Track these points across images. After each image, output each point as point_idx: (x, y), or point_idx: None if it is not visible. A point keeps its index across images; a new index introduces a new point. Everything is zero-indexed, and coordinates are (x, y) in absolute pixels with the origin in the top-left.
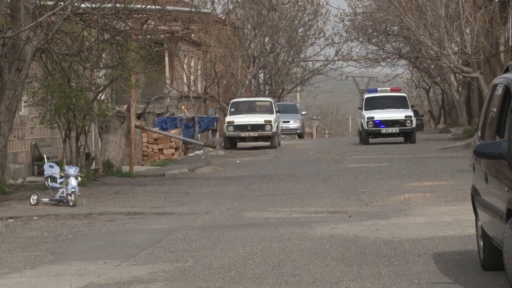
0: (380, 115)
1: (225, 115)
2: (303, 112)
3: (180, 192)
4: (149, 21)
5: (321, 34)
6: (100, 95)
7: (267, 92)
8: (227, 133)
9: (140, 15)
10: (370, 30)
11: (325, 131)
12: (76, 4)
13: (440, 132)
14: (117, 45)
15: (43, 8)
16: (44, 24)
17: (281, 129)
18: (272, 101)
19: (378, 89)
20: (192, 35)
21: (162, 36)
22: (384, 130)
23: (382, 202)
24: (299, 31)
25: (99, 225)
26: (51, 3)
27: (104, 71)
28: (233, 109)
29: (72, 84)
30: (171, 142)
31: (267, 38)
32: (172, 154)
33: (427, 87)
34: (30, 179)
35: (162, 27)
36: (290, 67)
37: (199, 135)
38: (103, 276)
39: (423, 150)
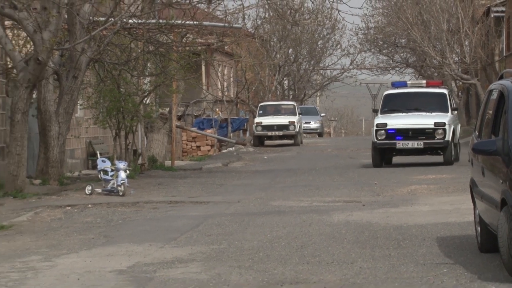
0: (396, 121)
1: (254, 117)
2: (322, 114)
3: (215, 184)
4: (188, 35)
5: (338, 46)
6: (145, 99)
7: (290, 97)
8: (256, 132)
9: (180, 30)
10: (381, 42)
11: (342, 130)
12: (124, 20)
13: None
14: (160, 55)
15: (96, 23)
16: (97, 37)
17: (303, 129)
18: (295, 104)
19: (408, 82)
20: (225, 47)
21: (199, 47)
22: (400, 144)
23: (391, 193)
24: (319, 43)
25: (145, 212)
26: (103, 19)
27: (149, 78)
28: (261, 112)
29: (121, 89)
30: (207, 140)
31: (290, 50)
32: (208, 150)
33: None
34: (85, 172)
35: (199, 40)
36: (311, 75)
37: (231, 134)
38: (148, 257)
39: None
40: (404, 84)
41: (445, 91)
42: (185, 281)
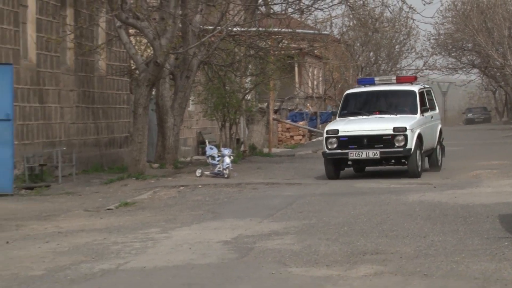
0: (350, 126)
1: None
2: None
3: (306, 168)
4: (283, 40)
5: (413, 50)
6: (247, 95)
7: None
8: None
9: (277, 36)
10: (450, 47)
11: None
12: (229, 28)
13: (504, 123)
14: (259, 58)
15: (205, 31)
16: (206, 43)
17: None
18: None
19: (376, 78)
20: (315, 51)
21: (293, 51)
22: (353, 154)
23: (459, 177)
24: (396, 47)
25: (246, 192)
26: (211, 27)
27: (250, 78)
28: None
29: (226, 87)
30: (299, 131)
31: (371, 53)
32: (300, 139)
33: (494, 89)
34: (196, 158)
35: (293, 45)
36: (389, 75)
37: (320, 125)
38: (249, 230)
39: (490, 137)
40: (371, 81)
41: (415, 88)
42: (280, 251)
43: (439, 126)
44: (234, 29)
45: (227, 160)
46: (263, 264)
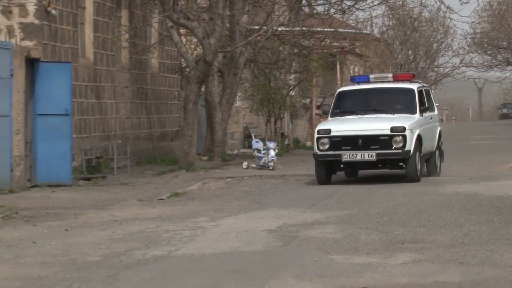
0: (344, 126)
1: None
2: (436, 104)
3: None
4: (325, 39)
5: (450, 48)
6: (291, 92)
7: None
8: None
9: (320, 35)
10: (486, 45)
11: (452, 118)
12: (275, 28)
13: None
14: (303, 56)
15: (252, 31)
16: (252, 42)
17: None
18: None
19: (371, 76)
20: (356, 49)
21: (335, 50)
22: (347, 156)
23: (493, 169)
24: (434, 46)
25: (290, 183)
26: (257, 27)
27: (293, 75)
28: None
29: (271, 84)
30: None
31: (410, 51)
32: None
33: None
34: (242, 151)
35: (335, 43)
36: (427, 72)
37: None
38: (293, 219)
39: None
40: (366, 79)
41: (413, 86)
42: (322, 239)
43: (439, 129)
44: (279, 28)
45: (272, 153)
46: (306, 251)
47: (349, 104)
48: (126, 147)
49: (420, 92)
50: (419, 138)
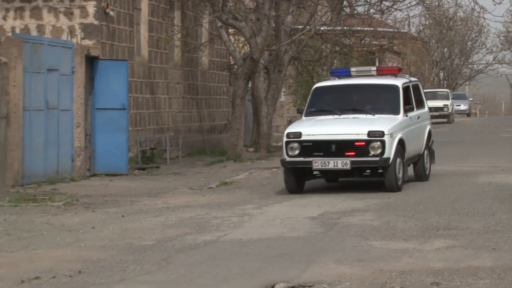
0: (316, 128)
1: None
2: (470, 99)
3: None
4: (365, 38)
5: (483, 46)
6: None
7: (445, 85)
8: None
9: (360, 34)
10: None
11: (485, 112)
12: (317, 27)
13: None
14: (344, 54)
15: (296, 30)
16: (296, 41)
17: (454, 110)
18: (448, 91)
19: (353, 69)
20: (394, 47)
21: (374, 48)
22: (318, 163)
23: None
24: (468, 44)
25: None
26: (301, 27)
27: None
28: None
29: (314, 80)
30: None
31: (446, 49)
32: None
33: None
34: None
35: (374, 42)
36: (461, 68)
37: None
38: (334, 207)
39: None
40: (346, 72)
41: (398, 82)
42: (361, 226)
43: (428, 128)
44: (322, 28)
45: None
46: (346, 237)
47: (325, 102)
48: (178, 139)
49: (406, 88)
50: (401, 142)
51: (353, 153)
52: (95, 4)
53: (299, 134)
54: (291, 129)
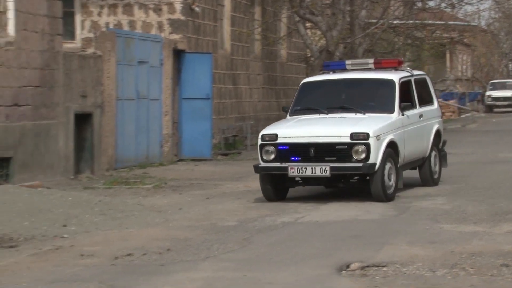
0: (295, 130)
1: (485, 91)
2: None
3: (456, 140)
4: (436, 31)
5: None
6: None
7: None
8: (487, 102)
9: (431, 27)
10: None
11: None
12: (390, 21)
13: None
14: (416, 46)
15: (370, 24)
16: (370, 34)
17: None
18: None
19: (348, 62)
20: (465, 40)
21: (445, 40)
22: (294, 170)
23: None
24: None
25: None
26: (375, 21)
27: (407, 64)
28: (491, 87)
29: None
30: (450, 108)
31: None
32: (450, 115)
33: None
34: None
35: (445, 34)
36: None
37: (468, 103)
38: (406, 192)
39: None
40: (341, 66)
41: (395, 77)
42: (433, 210)
43: (436, 127)
44: (394, 21)
45: None
46: (418, 220)
47: (312, 100)
48: (258, 127)
49: (404, 83)
50: (392, 145)
51: (334, 158)
52: (182, 1)
53: (274, 137)
54: (267, 130)
